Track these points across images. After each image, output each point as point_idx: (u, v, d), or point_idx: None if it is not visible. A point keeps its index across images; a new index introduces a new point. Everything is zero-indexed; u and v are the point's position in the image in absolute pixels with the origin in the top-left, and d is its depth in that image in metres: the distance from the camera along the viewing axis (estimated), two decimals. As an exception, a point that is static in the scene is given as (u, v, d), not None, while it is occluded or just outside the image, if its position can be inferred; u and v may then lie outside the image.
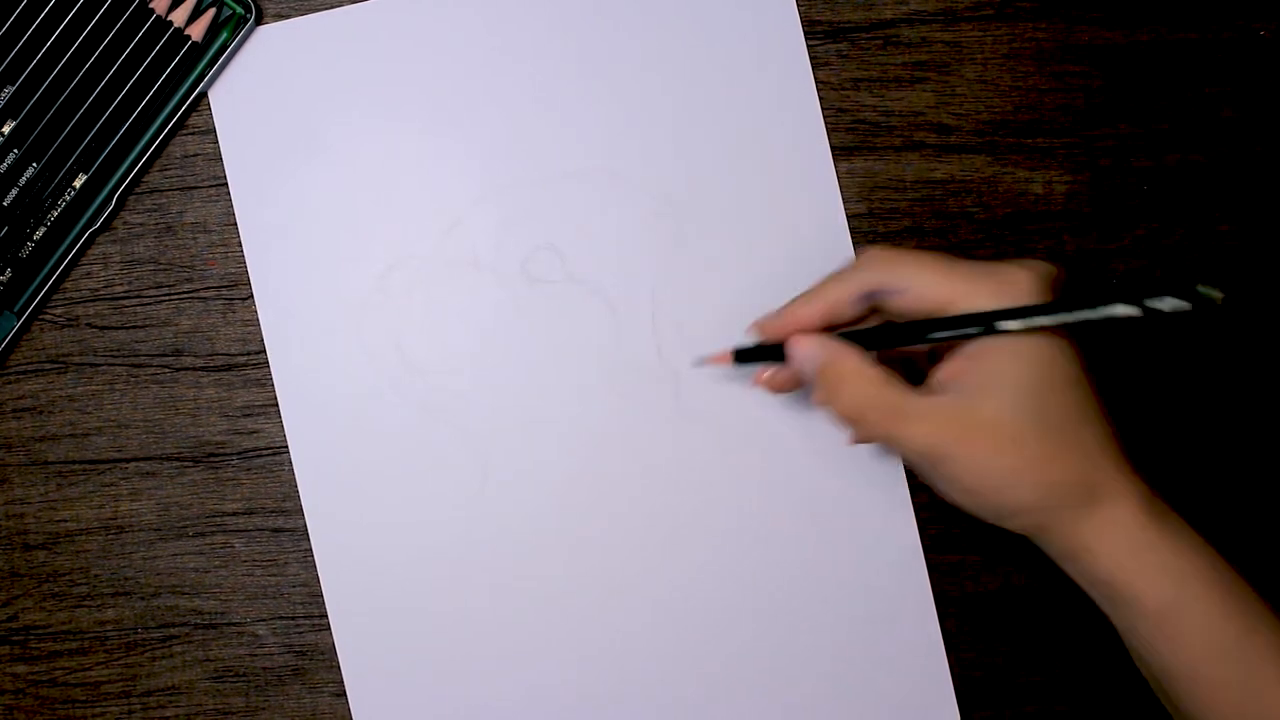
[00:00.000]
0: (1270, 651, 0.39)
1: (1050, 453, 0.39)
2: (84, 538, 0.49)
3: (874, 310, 0.43)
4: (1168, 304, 0.35)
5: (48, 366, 0.49)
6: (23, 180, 0.48)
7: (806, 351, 0.43)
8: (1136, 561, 0.39)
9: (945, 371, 0.41)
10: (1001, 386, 0.39)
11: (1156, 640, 0.40)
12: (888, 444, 0.41)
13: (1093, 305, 0.37)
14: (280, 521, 0.49)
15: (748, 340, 0.46)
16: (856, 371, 0.41)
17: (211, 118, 0.49)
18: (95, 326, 0.49)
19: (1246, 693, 0.39)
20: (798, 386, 0.46)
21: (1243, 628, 0.39)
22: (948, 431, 0.40)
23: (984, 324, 0.40)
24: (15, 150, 0.48)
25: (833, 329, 0.44)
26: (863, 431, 0.42)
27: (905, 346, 0.43)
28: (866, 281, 0.42)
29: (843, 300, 0.43)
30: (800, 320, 0.43)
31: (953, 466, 0.40)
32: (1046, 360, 0.39)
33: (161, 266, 0.49)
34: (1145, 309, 0.36)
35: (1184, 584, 0.39)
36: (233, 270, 0.49)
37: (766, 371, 0.46)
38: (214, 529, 0.49)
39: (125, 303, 0.49)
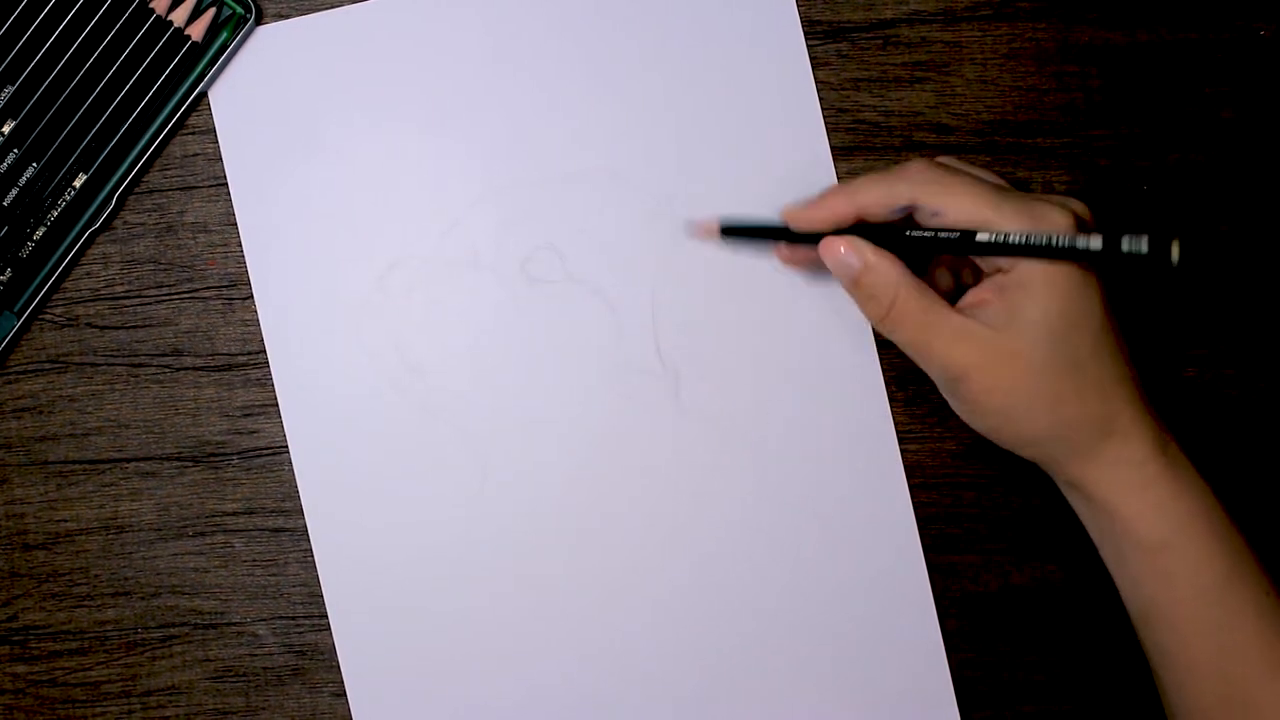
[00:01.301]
0: (1250, 596, 0.41)
1: (1069, 389, 0.41)
2: (84, 538, 0.49)
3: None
4: (1128, 244, 0.38)
5: (48, 366, 0.49)
6: (23, 180, 0.48)
7: (842, 257, 0.43)
8: (1138, 497, 0.41)
9: (974, 298, 0.42)
10: (1029, 320, 0.40)
11: (1145, 574, 0.42)
12: (915, 350, 0.42)
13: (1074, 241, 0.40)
14: (280, 521, 0.49)
15: (736, 219, 0.47)
16: (896, 280, 0.42)
17: (211, 118, 0.49)
18: (95, 326, 0.49)
19: (1223, 633, 0.41)
20: (814, 266, 0.47)
21: (1228, 571, 0.41)
22: (976, 353, 0.41)
23: (1024, 253, 0.40)
24: (15, 150, 0.48)
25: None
26: (894, 335, 0.43)
27: (939, 254, 0.43)
28: (905, 195, 0.42)
29: (878, 205, 0.43)
30: (835, 215, 0.43)
31: (974, 388, 0.41)
32: (1072, 297, 0.40)
33: (161, 266, 0.49)
34: (1111, 246, 0.39)
35: (1179, 523, 0.41)
36: (233, 270, 0.49)
37: (786, 248, 0.46)
38: (214, 529, 0.49)
39: (125, 303, 0.49)
